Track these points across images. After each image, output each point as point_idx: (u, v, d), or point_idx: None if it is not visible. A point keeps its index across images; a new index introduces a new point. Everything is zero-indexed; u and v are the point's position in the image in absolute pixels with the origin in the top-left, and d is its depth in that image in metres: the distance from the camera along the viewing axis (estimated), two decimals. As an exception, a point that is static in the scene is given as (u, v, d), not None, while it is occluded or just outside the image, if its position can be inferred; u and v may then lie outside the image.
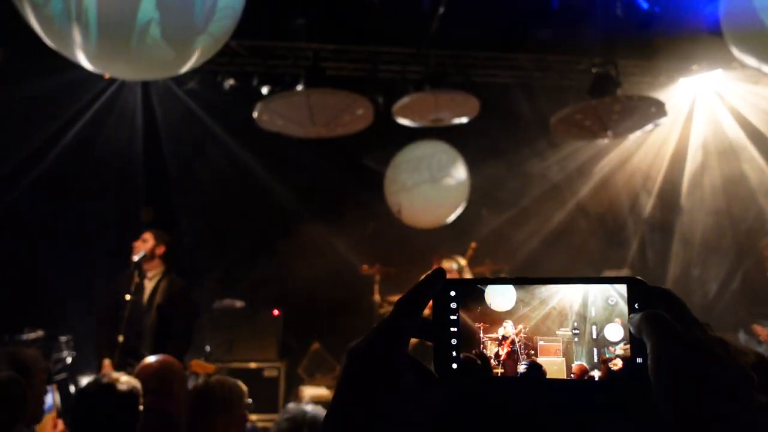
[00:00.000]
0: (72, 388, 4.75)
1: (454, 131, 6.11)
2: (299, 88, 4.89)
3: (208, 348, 5.13)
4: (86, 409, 1.98)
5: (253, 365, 5.34)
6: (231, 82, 5.98)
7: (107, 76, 5.39)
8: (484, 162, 6.48)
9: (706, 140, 6.27)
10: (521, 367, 0.55)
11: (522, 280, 0.56)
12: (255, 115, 5.07)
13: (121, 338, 3.35)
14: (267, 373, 5.28)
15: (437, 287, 0.55)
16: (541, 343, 0.55)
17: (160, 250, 3.97)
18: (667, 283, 6.50)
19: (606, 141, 5.74)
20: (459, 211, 6.59)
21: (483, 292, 0.57)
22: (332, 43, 5.69)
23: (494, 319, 0.57)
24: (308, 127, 5.11)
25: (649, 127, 5.37)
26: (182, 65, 3.49)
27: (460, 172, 6.56)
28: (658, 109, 5.03)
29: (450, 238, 5.93)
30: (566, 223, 6.88)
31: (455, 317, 0.56)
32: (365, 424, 0.49)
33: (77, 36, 3.09)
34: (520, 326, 0.56)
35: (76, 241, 5.61)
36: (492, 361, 0.56)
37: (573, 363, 0.53)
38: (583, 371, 0.53)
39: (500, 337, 0.56)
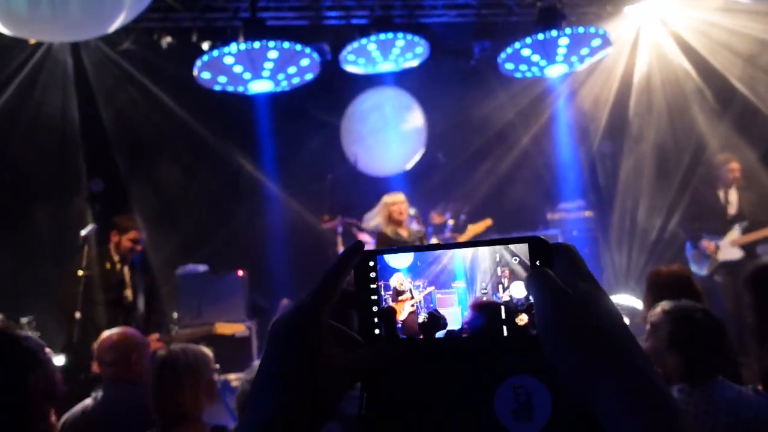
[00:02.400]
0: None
1: (405, 76, 6.02)
2: (239, 41, 4.69)
3: (175, 314, 5.11)
4: None
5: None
6: (168, 39, 5.70)
7: (32, 41, 5.06)
8: (438, 105, 6.45)
9: (651, 68, 6.36)
10: (421, 318, 0.56)
11: (434, 246, 0.58)
12: (195, 72, 4.86)
13: (78, 315, 3.30)
14: (238, 334, 5.32)
15: (357, 258, 0.57)
16: (438, 295, 0.57)
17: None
18: (616, 210, 6.75)
19: (554, 75, 5.75)
20: (417, 157, 6.59)
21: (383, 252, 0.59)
22: (271, -10, 5.44)
23: (393, 274, 0.58)
24: (253, 83, 4.94)
25: (596, 58, 5.40)
26: (107, 22, 3.29)
27: (415, 118, 6.52)
28: (603, 40, 5.04)
29: (408, 184, 5.95)
30: (520, 159, 6.98)
31: (375, 286, 0.58)
32: (290, 390, 0.50)
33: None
34: (419, 281, 0.57)
35: (20, 217, 5.41)
36: (397, 316, 0.58)
37: (466, 311, 0.55)
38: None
39: (396, 289, 0.57)
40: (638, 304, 3.21)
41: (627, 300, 4.65)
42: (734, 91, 5.82)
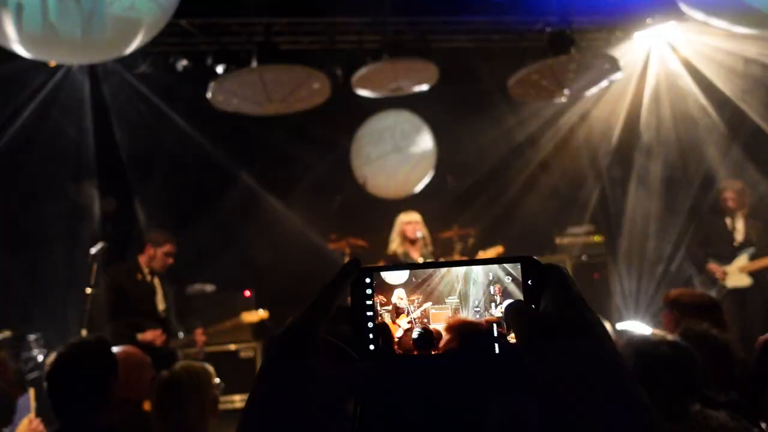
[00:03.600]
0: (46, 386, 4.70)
1: (415, 99, 6.08)
2: (252, 65, 4.78)
3: (181, 334, 5.11)
4: (59, 369, 2.02)
5: (229, 347, 5.36)
6: (184, 62, 5.81)
7: (53, 63, 5.20)
8: (447, 128, 6.49)
9: (660, 94, 6.38)
10: (414, 334, 0.57)
11: (429, 264, 0.59)
12: (209, 95, 4.95)
13: (84, 332, 3.32)
14: (243, 354, 5.31)
15: (353, 275, 0.59)
16: (432, 311, 0.57)
17: None
18: (625, 235, 6.69)
19: (563, 100, 5.78)
20: (426, 180, 6.61)
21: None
22: (286, 16, 5.55)
23: (389, 291, 0.59)
24: (265, 105, 5.03)
25: (605, 83, 5.43)
26: (126, 43, 3.37)
27: (424, 141, 6.57)
28: (612, 65, 5.08)
29: (417, 206, 5.96)
30: (529, 182, 6.98)
31: (371, 302, 0.59)
32: (281, 405, 0.51)
33: (6, 22, 2.97)
34: (414, 297, 0.58)
35: (32, 236, 5.48)
36: (394, 332, 0.58)
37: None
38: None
39: (394, 307, 0.58)
40: (647, 330, 3.17)
41: (636, 326, 4.58)
42: (744, 118, 5.81)
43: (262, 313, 4.94)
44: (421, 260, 4.97)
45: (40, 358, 4.93)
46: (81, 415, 1.95)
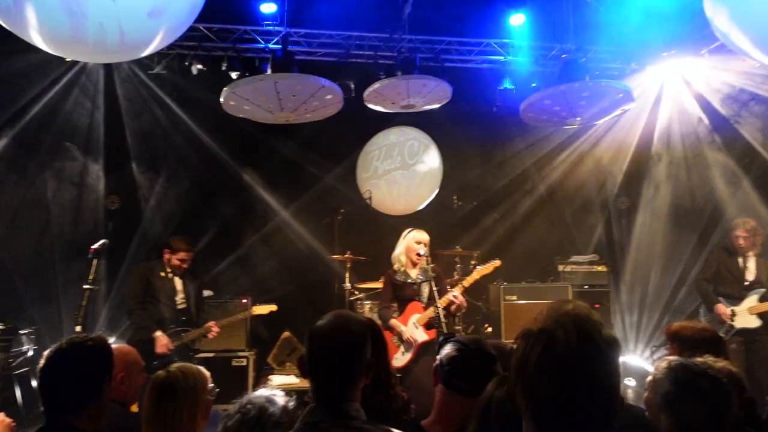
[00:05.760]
0: (34, 383, 4.65)
1: (425, 117, 6.08)
2: (267, 73, 4.79)
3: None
4: (53, 365, 1.95)
5: (222, 355, 5.28)
6: (199, 66, 5.84)
7: (69, 58, 5.22)
8: (456, 148, 6.48)
9: (671, 127, 6.36)
10: None
11: None
12: (221, 100, 4.95)
13: (79, 328, 3.28)
14: (236, 362, 5.24)
15: None
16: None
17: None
18: (629, 266, 6.60)
19: (575, 127, 5.77)
20: (431, 197, 6.58)
21: None
22: (303, 27, 5.59)
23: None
24: (276, 113, 5.02)
25: (617, 112, 5.41)
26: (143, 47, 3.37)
27: (432, 159, 6.55)
28: (625, 95, 5.05)
29: (421, 224, 5.92)
30: (536, 206, 6.94)
31: None
32: None
33: (30, 17, 2.98)
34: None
35: (35, 229, 5.46)
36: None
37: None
38: None
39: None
40: (647, 365, 3.10)
41: (636, 361, 4.50)
42: (755, 156, 5.77)
43: (270, 307, 5.09)
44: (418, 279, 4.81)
45: (30, 353, 4.88)
46: (67, 416, 1.88)
